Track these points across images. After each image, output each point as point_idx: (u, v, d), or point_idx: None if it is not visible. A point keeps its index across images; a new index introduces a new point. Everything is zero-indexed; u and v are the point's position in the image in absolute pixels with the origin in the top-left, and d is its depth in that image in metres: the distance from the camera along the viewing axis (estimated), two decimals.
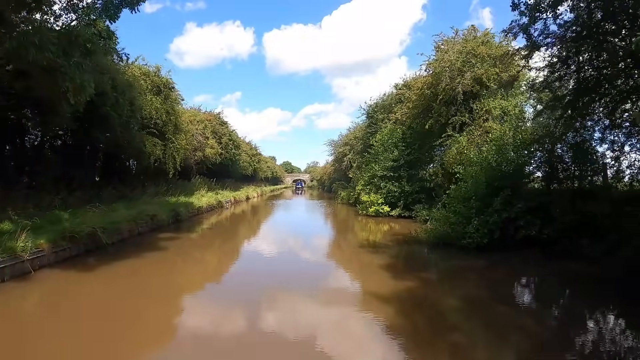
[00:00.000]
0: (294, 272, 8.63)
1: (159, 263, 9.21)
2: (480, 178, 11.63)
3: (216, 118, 33.58)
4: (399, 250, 11.26)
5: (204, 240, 13.01)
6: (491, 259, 10.18)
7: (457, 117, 15.86)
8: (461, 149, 15.06)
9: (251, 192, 39.47)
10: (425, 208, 17.98)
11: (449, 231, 11.23)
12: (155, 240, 11.58)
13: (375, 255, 10.23)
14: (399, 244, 12.24)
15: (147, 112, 18.67)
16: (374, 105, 25.34)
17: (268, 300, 6.55)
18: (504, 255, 10.60)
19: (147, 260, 9.25)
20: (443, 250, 11.13)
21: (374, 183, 19.81)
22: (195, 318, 5.93)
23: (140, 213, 12.76)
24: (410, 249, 11.83)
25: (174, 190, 21.48)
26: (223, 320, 5.74)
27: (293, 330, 5.22)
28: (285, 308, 6.26)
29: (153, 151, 18.71)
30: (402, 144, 19.46)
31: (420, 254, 11.40)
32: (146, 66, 20.27)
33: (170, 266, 9.11)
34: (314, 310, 6.05)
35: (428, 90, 16.68)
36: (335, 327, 5.48)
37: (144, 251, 10.00)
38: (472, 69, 15.87)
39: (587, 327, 5.77)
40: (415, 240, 12.66)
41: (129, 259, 9.12)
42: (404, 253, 11.07)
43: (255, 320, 5.71)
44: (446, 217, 11.68)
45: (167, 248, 10.64)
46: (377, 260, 9.52)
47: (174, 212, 15.43)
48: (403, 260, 9.83)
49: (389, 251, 10.82)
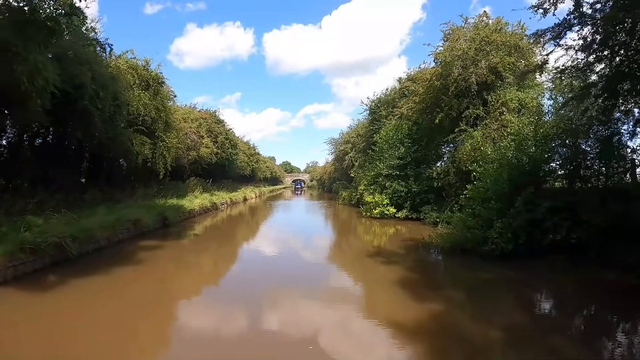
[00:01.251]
0: (292, 296, 7.16)
1: (131, 280, 7.87)
2: (501, 176, 10.30)
3: (212, 116, 32.25)
4: (411, 259, 9.92)
5: (189, 250, 11.42)
6: (519, 269, 8.87)
7: (471, 110, 14.52)
8: (476, 144, 13.74)
9: (249, 192, 38.12)
10: (435, 209, 16.67)
11: (467, 236, 9.91)
12: (135, 250, 10.25)
13: (386, 267, 8.89)
14: (410, 251, 10.91)
15: (134, 108, 17.35)
16: (377, 101, 23.98)
17: (261, 344, 5.20)
18: (532, 264, 9.31)
19: (117, 276, 7.91)
20: (462, 258, 9.81)
21: (379, 182, 18.46)
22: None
23: (120, 218, 11.42)
24: (425, 257, 10.50)
25: (166, 192, 20.16)
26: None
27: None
28: (281, 343, 4.93)
29: (141, 150, 17.39)
30: (408, 141, 18.11)
31: (437, 264, 10.07)
32: (134, 59, 18.90)
33: (144, 285, 7.72)
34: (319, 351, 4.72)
35: (438, 82, 15.34)
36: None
37: (117, 264, 8.67)
38: (487, 57, 14.54)
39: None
40: (429, 246, 11.34)
41: (97, 274, 7.78)
42: (418, 263, 9.72)
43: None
44: (464, 220, 10.35)
45: (145, 260, 9.29)
46: (389, 273, 8.18)
47: (161, 216, 14.09)
48: (419, 273, 8.48)
49: (401, 261, 9.48)
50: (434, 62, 17.17)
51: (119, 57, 18.80)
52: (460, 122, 14.61)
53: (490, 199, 10.30)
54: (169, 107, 20.73)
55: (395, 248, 11.24)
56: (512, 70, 15.17)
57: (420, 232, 15.07)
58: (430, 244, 11.14)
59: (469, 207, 10.60)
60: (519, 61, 15.40)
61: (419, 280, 7.87)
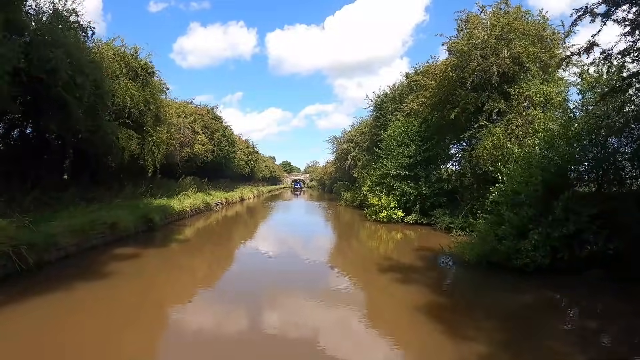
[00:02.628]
0: (288, 342, 5.49)
1: (92, 301, 6.41)
2: (532, 178, 8.84)
3: (209, 112, 30.81)
4: (432, 275, 8.44)
5: (169, 262, 9.71)
6: (561, 289, 7.51)
7: (492, 104, 13.05)
8: (497, 142, 12.29)
9: (247, 192, 36.64)
10: (447, 214, 15.23)
11: (498, 248, 8.45)
12: (107, 260, 8.79)
13: (403, 287, 7.39)
14: (428, 263, 9.44)
15: (120, 99, 15.89)
16: (383, 96, 22.49)
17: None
18: (572, 281, 7.95)
19: (77, 293, 6.46)
20: (490, 274, 8.37)
21: (386, 183, 16.97)
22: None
23: (95, 220, 9.95)
24: (446, 272, 9.00)
25: (156, 190, 18.70)
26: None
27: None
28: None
29: (127, 145, 15.94)
30: (419, 139, 16.64)
31: (463, 282, 8.51)
32: (122, 47, 17.44)
33: (106, 307, 6.26)
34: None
35: (453, 73, 13.88)
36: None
37: (80, 277, 7.22)
38: (509, 46, 13.09)
39: None
40: (448, 257, 9.89)
41: (53, 290, 6.34)
42: (440, 280, 8.21)
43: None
44: (491, 229, 8.89)
45: (115, 273, 7.81)
46: (409, 295, 6.73)
47: (144, 219, 12.60)
48: (445, 295, 6.99)
49: (420, 278, 7.99)
50: (448, 54, 15.73)
51: (107, 44, 17.38)
52: (479, 117, 13.14)
53: (521, 204, 8.83)
54: (160, 100, 19.27)
55: (410, 260, 9.77)
56: (536, 62, 13.75)
57: (433, 239, 13.63)
58: (450, 255, 9.68)
59: (496, 212, 9.12)
60: (543, 52, 13.98)
61: (446, 305, 6.40)
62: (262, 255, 11.23)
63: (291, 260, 10.24)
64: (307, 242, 14.19)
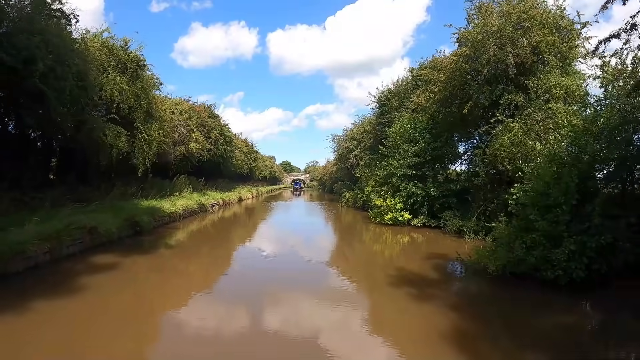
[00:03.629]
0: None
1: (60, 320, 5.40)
2: (569, 178, 7.79)
3: (206, 110, 29.79)
4: (451, 289, 7.42)
5: (152, 271, 8.61)
6: (603, 306, 6.45)
7: (510, 97, 12.00)
8: (516, 138, 11.25)
9: (245, 192, 35.59)
10: (457, 216, 14.20)
11: (523, 256, 7.42)
12: (81, 270, 7.78)
13: (418, 305, 6.34)
14: (444, 274, 8.44)
15: (107, 94, 14.89)
16: (387, 92, 21.42)
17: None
18: (613, 297, 6.87)
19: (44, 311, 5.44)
20: (517, 288, 7.38)
21: (391, 184, 15.91)
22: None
23: (72, 225, 8.92)
24: (467, 285, 7.87)
25: (148, 191, 17.69)
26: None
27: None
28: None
29: (116, 142, 14.91)
30: (428, 136, 15.58)
31: (489, 298, 7.32)
32: (110, 39, 16.40)
33: (75, 329, 5.25)
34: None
35: (466, 65, 12.84)
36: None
37: (48, 291, 6.24)
38: (527, 34, 12.06)
39: None
40: (464, 265, 8.86)
41: (17, 306, 5.33)
42: (463, 296, 7.07)
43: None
44: (516, 235, 7.85)
45: (88, 288, 6.77)
46: (427, 317, 5.71)
47: (130, 222, 11.55)
48: (471, 317, 5.86)
49: (439, 293, 6.96)
50: (457, 46, 14.67)
51: (95, 36, 16.35)
52: (495, 112, 12.10)
53: (550, 208, 7.79)
54: (152, 95, 18.26)
55: (423, 269, 8.72)
56: (554, 52, 12.72)
57: (445, 245, 12.62)
58: (467, 264, 8.64)
59: (522, 216, 8.07)
60: (562, 42, 12.96)
61: (472, 330, 5.36)
62: (258, 265, 10.20)
63: (288, 275, 8.79)
64: (306, 249, 13.13)
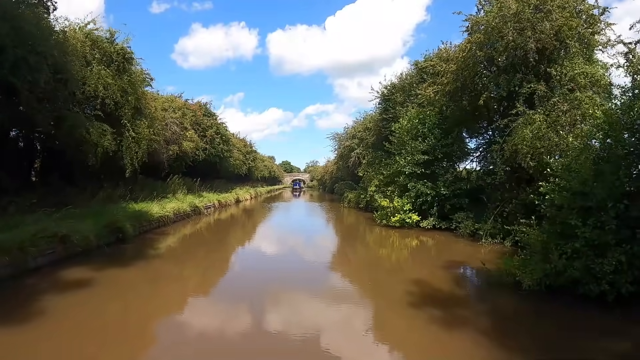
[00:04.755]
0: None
1: None
2: (614, 176, 6.68)
3: (201, 108, 28.66)
4: (481, 308, 6.22)
5: (127, 290, 7.19)
6: None
7: (532, 86, 10.89)
8: (538, 132, 10.14)
9: (243, 193, 34.46)
10: (470, 217, 13.10)
11: (560, 267, 6.31)
12: (47, 288, 6.70)
13: (452, 332, 5.13)
14: (468, 287, 7.31)
15: (91, 88, 13.76)
16: (391, 86, 20.28)
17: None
18: None
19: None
20: (558, 305, 6.28)
21: (398, 183, 14.78)
22: None
23: (40, 233, 7.81)
24: (500, 303, 6.67)
25: (138, 193, 16.59)
26: None
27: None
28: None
29: (100, 141, 13.78)
30: (438, 131, 14.45)
31: (531, 321, 6.01)
32: (96, 30, 15.27)
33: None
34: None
35: (481, 52, 11.72)
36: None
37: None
38: (549, 16, 10.96)
39: None
40: (488, 275, 7.75)
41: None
42: (498, 319, 5.82)
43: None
44: (553, 242, 6.74)
45: (45, 313, 5.65)
46: (461, 351, 4.57)
47: (111, 228, 10.40)
48: (517, 349, 4.73)
49: (466, 313, 5.86)
50: (468, 34, 13.55)
51: (80, 27, 15.22)
52: (516, 103, 10.97)
53: (592, 210, 6.68)
54: (142, 91, 17.13)
55: (444, 282, 7.59)
56: (576, 38, 11.63)
57: (461, 250, 11.53)
58: (494, 275, 7.53)
59: (560, 220, 6.95)
60: (584, 27, 11.88)
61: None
62: (259, 268, 9.10)
63: (286, 294, 7.45)
64: (309, 253, 12.04)
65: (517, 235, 11.33)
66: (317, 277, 8.57)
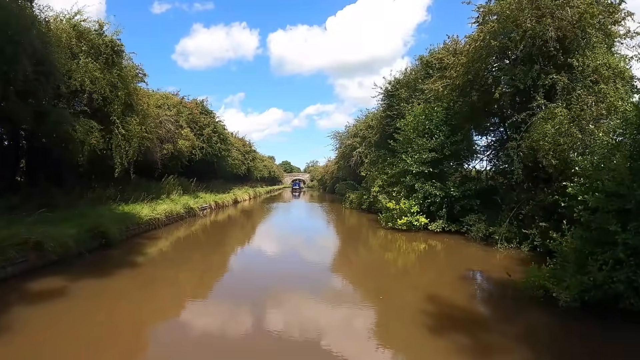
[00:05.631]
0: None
1: None
2: None
3: (198, 106, 27.83)
4: (515, 333, 5.27)
5: (103, 306, 6.20)
6: None
7: (554, 77, 10.02)
8: (560, 127, 9.29)
9: (241, 194, 33.58)
10: (482, 220, 12.24)
11: (600, 280, 5.46)
12: (14, 301, 5.86)
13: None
14: (493, 304, 6.43)
15: (77, 82, 12.92)
16: (395, 82, 19.38)
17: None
18: None
19: None
20: (597, 322, 5.41)
21: (405, 183, 13.90)
22: None
23: (5, 240, 6.95)
24: (532, 325, 5.75)
25: (130, 194, 15.72)
26: None
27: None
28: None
29: (87, 138, 12.94)
30: (446, 128, 13.58)
31: (574, 344, 5.16)
32: (83, 21, 14.42)
33: None
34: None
35: (495, 42, 10.85)
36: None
37: None
38: (570, 3, 10.11)
39: None
40: (513, 288, 6.90)
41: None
42: (536, 347, 4.83)
43: None
44: (588, 252, 5.88)
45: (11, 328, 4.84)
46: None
47: (93, 233, 9.52)
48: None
49: (500, 339, 4.97)
50: (478, 26, 12.69)
51: (67, 19, 14.38)
52: (536, 95, 10.12)
53: (632, 213, 5.83)
54: (134, 87, 16.28)
55: (465, 297, 6.70)
56: (597, 27, 10.80)
57: (474, 255, 10.67)
58: (521, 288, 6.66)
59: (596, 226, 6.09)
60: (605, 15, 11.04)
61: None
62: (255, 280, 8.23)
63: (284, 313, 6.48)
64: (310, 261, 11.13)
65: (535, 239, 10.59)
66: (324, 293, 7.62)
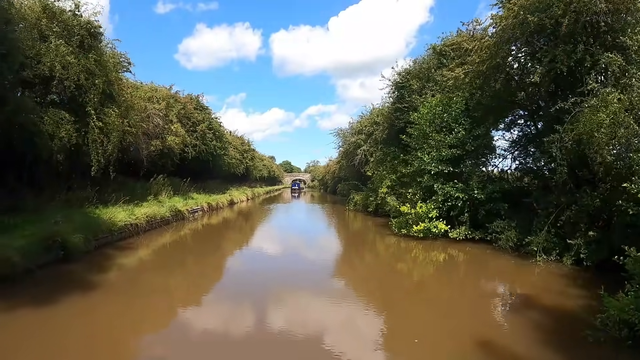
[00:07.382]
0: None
1: None
2: None
3: (192, 101, 26.15)
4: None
5: (47, 340, 4.65)
6: None
7: (608, 56, 8.30)
8: (615, 117, 7.60)
9: (238, 194, 31.85)
10: (512, 227, 10.53)
11: None
12: None
13: None
14: (566, 351, 4.68)
15: (45, 67, 11.25)
16: (405, 73, 17.59)
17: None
18: None
19: None
20: None
21: (422, 183, 12.15)
22: None
23: None
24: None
25: (110, 195, 14.05)
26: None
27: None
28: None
29: (57, 132, 11.28)
30: (467, 121, 11.87)
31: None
32: (56, 2, 12.71)
33: None
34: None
35: (532, 17, 9.14)
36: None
37: None
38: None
39: None
40: (584, 323, 5.21)
41: None
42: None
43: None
44: None
45: None
46: None
47: (49, 243, 7.81)
48: None
49: None
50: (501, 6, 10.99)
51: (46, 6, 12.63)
52: (587, 79, 8.40)
53: None
54: (117, 76, 14.60)
55: (523, 339, 4.96)
56: None
57: (511, 270, 9.00)
58: (605, 328, 4.96)
59: None
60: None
61: None
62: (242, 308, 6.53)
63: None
64: (310, 288, 9.31)
65: (581, 250, 8.90)
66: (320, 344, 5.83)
